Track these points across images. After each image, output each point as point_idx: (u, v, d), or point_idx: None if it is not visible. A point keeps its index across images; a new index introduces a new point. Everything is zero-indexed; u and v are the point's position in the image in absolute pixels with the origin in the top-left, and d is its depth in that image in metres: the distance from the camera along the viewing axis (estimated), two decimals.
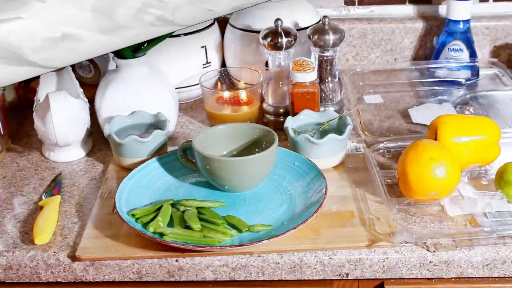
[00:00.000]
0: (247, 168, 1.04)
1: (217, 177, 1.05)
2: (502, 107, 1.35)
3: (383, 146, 1.18)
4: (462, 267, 0.96)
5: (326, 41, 1.26)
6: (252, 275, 0.97)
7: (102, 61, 1.40)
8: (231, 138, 1.13)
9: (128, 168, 1.15)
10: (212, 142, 1.11)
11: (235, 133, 1.13)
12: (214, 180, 1.07)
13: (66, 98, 1.16)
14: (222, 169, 1.04)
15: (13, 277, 0.99)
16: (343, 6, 1.58)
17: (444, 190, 1.01)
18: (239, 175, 1.05)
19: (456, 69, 1.46)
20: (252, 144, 1.12)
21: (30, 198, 1.12)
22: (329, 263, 0.96)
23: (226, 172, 1.04)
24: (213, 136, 1.12)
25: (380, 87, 1.47)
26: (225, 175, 1.05)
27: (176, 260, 0.97)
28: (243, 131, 1.13)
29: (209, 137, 1.11)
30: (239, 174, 1.05)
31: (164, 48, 1.33)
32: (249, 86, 1.35)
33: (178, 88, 1.38)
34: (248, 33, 1.38)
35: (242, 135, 1.13)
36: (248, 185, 1.08)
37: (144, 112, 1.21)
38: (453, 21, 1.44)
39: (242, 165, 1.04)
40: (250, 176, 1.06)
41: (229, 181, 1.06)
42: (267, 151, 1.05)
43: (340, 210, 1.04)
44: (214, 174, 1.05)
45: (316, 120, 1.20)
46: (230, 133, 1.13)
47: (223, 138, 1.13)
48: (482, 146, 1.08)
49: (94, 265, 0.97)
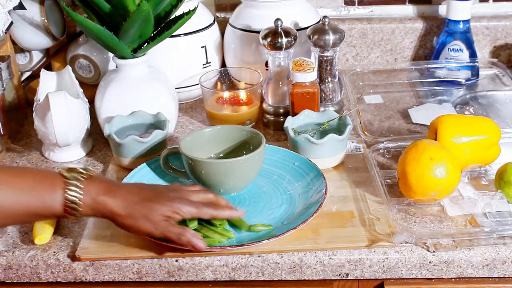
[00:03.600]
0: (234, 170, 1.04)
1: (205, 180, 1.05)
2: (502, 107, 1.35)
3: (383, 146, 1.18)
4: (462, 267, 0.96)
5: (326, 41, 1.26)
6: (252, 275, 0.97)
7: (102, 61, 1.40)
8: (218, 141, 1.12)
9: (128, 168, 1.15)
10: (199, 145, 1.10)
11: (222, 136, 1.12)
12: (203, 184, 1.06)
13: (66, 98, 1.15)
14: (209, 171, 1.03)
15: (13, 277, 0.99)
16: (343, 6, 1.58)
17: (444, 190, 1.01)
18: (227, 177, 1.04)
19: (456, 69, 1.46)
20: (240, 146, 1.12)
21: None
22: (329, 263, 0.96)
23: (214, 174, 1.04)
24: (199, 139, 1.11)
25: (380, 87, 1.47)
26: (213, 177, 1.04)
27: (176, 260, 0.97)
28: (230, 133, 1.13)
29: (196, 140, 1.10)
30: (227, 176, 1.04)
31: (164, 48, 1.33)
32: (249, 86, 1.35)
33: (178, 88, 1.38)
34: (248, 33, 1.38)
35: (229, 138, 1.12)
36: (234, 187, 1.07)
37: (144, 112, 1.21)
38: (453, 21, 1.44)
39: (228, 167, 1.03)
40: (236, 178, 1.05)
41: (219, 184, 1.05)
42: (255, 153, 1.04)
43: (340, 210, 1.04)
44: (200, 177, 1.05)
45: (316, 120, 1.20)
46: (217, 135, 1.12)
47: (210, 141, 1.12)
48: (482, 146, 1.08)
49: (94, 265, 0.97)
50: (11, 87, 1.33)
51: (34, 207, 0.86)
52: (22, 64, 1.47)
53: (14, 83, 1.34)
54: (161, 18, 1.21)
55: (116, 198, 0.89)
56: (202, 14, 1.40)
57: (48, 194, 0.86)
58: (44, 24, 1.35)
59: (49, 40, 1.38)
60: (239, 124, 1.25)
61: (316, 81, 1.23)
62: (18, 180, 0.86)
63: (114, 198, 0.89)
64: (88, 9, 1.18)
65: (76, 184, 0.87)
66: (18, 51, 1.44)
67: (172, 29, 1.21)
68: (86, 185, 0.88)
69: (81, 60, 1.40)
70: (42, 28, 1.35)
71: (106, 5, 1.14)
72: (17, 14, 1.33)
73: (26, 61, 1.47)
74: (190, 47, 1.38)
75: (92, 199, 0.88)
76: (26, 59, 1.47)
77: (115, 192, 0.90)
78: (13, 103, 1.33)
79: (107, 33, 1.14)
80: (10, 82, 1.32)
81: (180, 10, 1.23)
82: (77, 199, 0.87)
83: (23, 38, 1.37)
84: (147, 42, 1.21)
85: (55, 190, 0.87)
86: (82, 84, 1.30)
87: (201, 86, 1.31)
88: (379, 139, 1.21)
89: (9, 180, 0.85)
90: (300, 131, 1.17)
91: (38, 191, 0.86)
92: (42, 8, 1.34)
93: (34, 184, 0.86)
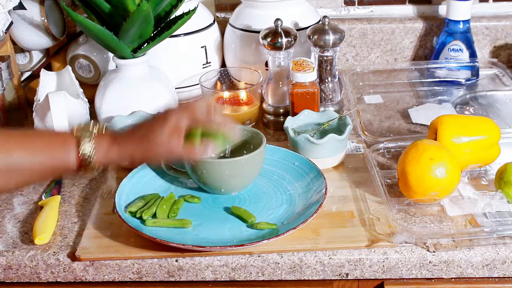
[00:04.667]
0: (235, 170, 1.04)
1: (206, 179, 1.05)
2: (502, 107, 1.35)
3: (383, 146, 1.18)
4: (462, 267, 0.96)
5: (326, 41, 1.26)
6: (252, 275, 0.97)
7: (102, 61, 1.40)
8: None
9: (128, 168, 1.15)
10: None
11: None
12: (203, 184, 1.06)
13: (66, 98, 1.15)
14: (210, 171, 1.03)
15: (13, 277, 0.99)
16: (343, 6, 1.58)
17: (444, 190, 1.01)
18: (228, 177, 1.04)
19: (456, 69, 1.46)
20: (240, 146, 1.12)
21: (30, 198, 1.12)
22: (329, 263, 0.96)
23: (215, 174, 1.03)
24: None
25: (380, 87, 1.47)
26: (214, 177, 1.04)
27: (176, 260, 0.97)
28: None
29: None
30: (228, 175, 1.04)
31: (164, 48, 1.32)
32: (249, 86, 1.35)
33: (178, 88, 1.38)
34: (248, 33, 1.38)
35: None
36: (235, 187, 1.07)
37: (144, 112, 1.21)
38: (453, 21, 1.44)
39: (229, 167, 1.03)
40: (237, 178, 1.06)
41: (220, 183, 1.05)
42: (256, 152, 1.04)
43: (340, 210, 1.04)
44: (201, 177, 1.05)
45: (316, 120, 1.20)
46: None
47: None
48: (482, 146, 1.08)
49: (94, 265, 0.97)
50: (11, 87, 1.33)
51: (50, 165, 0.90)
52: (22, 64, 1.47)
53: (14, 83, 1.34)
54: (161, 18, 1.21)
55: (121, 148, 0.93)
56: (202, 14, 1.40)
57: (61, 152, 0.90)
58: (44, 24, 1.35)
59: (49, 40, 1.38)
60: (239, 124, 1.25)
61: (316, 81, 1.23)
62: (32, 141, 0.90)
63: (120, 149, 0.93)
64: (88, 9, 1.18)
65: (87, 141, 0.91)
66: (18, 51, 1.44)
67: (172, 29, 1.21)
68: (97, 140, 0.91)
69: (81, 60, 1.40)
70: (42, 28, 1.35)
71: (106, 5, 1.14)
72: (17, 14, 1.33)
73: (26, 61, 1.47)
74: (190, 47, 1.38)
75: (103, 154, 0.92)
76: (26, 59, 1.47)
77: (120, 143, 0.93)
78: (13, 103, 1.33)
79: (107, 33, 1.14)
80: (10, 82, 1.32)
81: (180, 10, 1.23)
82: (90, 154, 0.91)
83: (23, 38, 1.37)
84: (147, 42, 1.21)
85: (68, 148, 0.90)
86: (82, 84, 1.30)
87: (201, 86, 1.31)
88: (379, 139, 1.21)
89: (24, 142, 0.89)
90: (300, 131, 1.17)
91: (52, 150, 0.90)
92: (42, 8, 1.34)
93: (48, 144, 0.90)
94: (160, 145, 0.92)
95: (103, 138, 0.92)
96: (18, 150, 0.87)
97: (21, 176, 0.89)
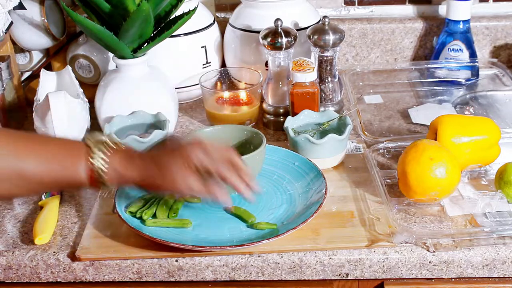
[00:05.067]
0: None
1: None
2: (502, 107, 1.35)
3: (383, 146, 1.18)
4: (462, 267, 0.96)
5: (326, 41, 1.26)
6: (252, 275, 0.97)
7: (102, 61, 1.40)
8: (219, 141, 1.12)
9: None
10: None
11: (222, 136, 1.12)
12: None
13: (66, 98, 1.15)
14: None
15: (13, 277, 0.99)
16: (343, 6, 1.58)
17: (444, 190, 1.01)
18: None
19: (456, 69, 1.46)
20: (240, 146, 1.12)
21: (30, 198, 1.12)
22: (329, 263, 0.96)
23: None
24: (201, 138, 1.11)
25: (380, 87, 1.47)
26: None
27: (176, 260, 0.97)
28: (231, 133, 1.12)
29: None
30: None
31: (164, 48, 1.33)
32: (249, 86, 1.35)
33: (178, 88, 1.38)
34: (248, 33, 1.38)
35: (229, 137, 1.12)
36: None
37: (144, 112, 1.21)
38: (453, 21, 1.44)
39: None
40: None
41: None
42: (256, 152, 1.04)
43: (340, 210, 1.04)
44: None
45: (316, 120, 1.20)
46: (217, 135, 1.12)
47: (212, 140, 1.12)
48: (482, 146, 1.08)
49: (94, 265, 0.97)
50: (11, 87, 1.33)
51: (60, 176, 0.86)
52: (22, 64, 1.47)
53: (14, 83, 1.34)
54: (161, 18, 1.21)
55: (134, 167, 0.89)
56: (202, 14, 1.40)
57: (72, 163, 0.87)
58: (44, 24, 1.35)
59: (49, 40, 1.38)
60: (239, 124, 1.25)
61: (316, 81, 1.23)
62: (43, 148, 0.86)
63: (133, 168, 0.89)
64: (88, 9, 1.18)
65: (100, 155, 0.88)
66: (18, 51, 1.44)
67: (172, 29, 1.21)
68: (110, 155, 0.88)
69: (81, 60, 1.40)
70: (42, 28, 1.35)
71: (106, 5, 1.14)
72: (17, 14, 1.33)
73: (26, 61, 1.47)
74: (190, 47, 1.38)
75: (114, 171, 0.88)
76: (26, 59, 1.47)
77: (135, 161, 0.90)
78: (13, 103, 1.33)
79: (107, 33, 1.14)
80: (10, 82, 1.32)
81: (180, 10, 1.23)
82: (102, 169, 0.87)
83: (23, 38, 1.37)
84: (147, 42, 1.21)
85: (79, 159, 0.87)
86: (82, 84, 1.30)
87: (201, 86, 1.31)
88: (379, 139, 1.21)
89: (34, 147, 0.86)
90: (300, 131, 1.17)
91: (62, 160, 0.87)
92: (42, 8, 1.34)
93: (59, 153, 0.87)
94: (180, 181, 0.89)
95: (117, 154, 0.89)
96: (29, 156, 0.84)
97: (29, 184, 0.85)
